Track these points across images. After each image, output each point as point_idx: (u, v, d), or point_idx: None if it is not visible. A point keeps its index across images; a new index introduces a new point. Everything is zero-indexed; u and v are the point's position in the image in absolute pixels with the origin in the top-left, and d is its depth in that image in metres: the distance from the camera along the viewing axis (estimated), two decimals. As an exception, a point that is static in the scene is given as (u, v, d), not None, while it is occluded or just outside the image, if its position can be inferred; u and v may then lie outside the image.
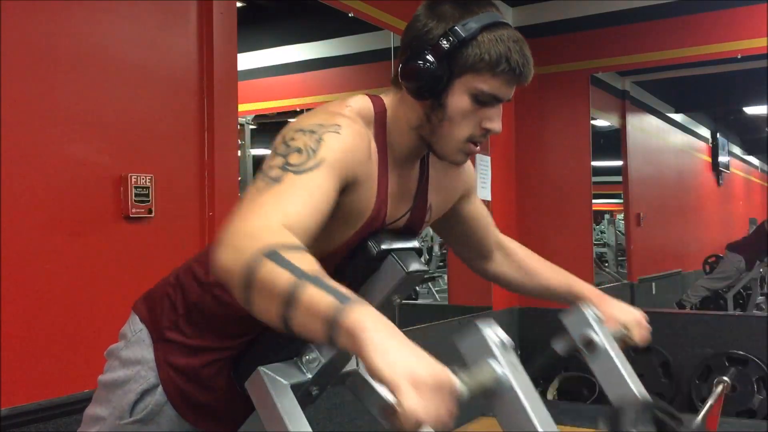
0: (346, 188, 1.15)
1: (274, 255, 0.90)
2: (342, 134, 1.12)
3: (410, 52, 1.21)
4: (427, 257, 5.86)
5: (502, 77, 1.19)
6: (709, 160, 7.94)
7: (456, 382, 0.82)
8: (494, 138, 4.54)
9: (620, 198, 5.39)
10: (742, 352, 4.12)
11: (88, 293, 2.11)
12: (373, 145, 1.23)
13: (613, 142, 5.28)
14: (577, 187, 4.72)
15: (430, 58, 1.18)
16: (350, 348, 0.83)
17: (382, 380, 0.79)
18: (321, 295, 0.86)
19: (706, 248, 6.71)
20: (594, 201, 4.78)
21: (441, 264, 5.75)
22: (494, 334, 0.93)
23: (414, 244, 1.31)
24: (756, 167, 11.09)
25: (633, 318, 1.43)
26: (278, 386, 1.16)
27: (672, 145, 6.85)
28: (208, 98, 2.49)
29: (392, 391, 0.78)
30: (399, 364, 0.79)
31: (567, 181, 4.75)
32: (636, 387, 1.23)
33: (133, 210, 2.19)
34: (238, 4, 2.68)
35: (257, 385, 1.17)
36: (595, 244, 5.04)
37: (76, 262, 2.08)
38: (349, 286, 1.16)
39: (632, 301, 5.16)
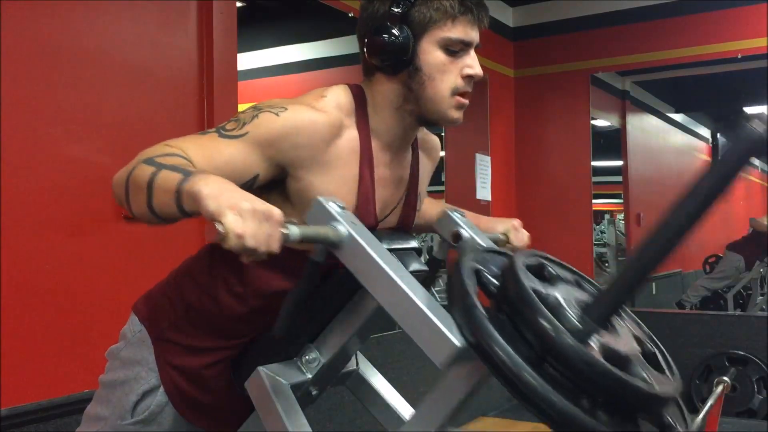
0: (289, 171, 1.17)
1: (148, 160, 1.05)
2: (280, 117, 1.15)
3: (368, 34, 1.22)
4: (427, 257, 5.86)
5: (462, 20, 1.21)
6: (709, 160, 7.93)
7: (279, 213, 0.94)
8: (494, 138, 4.55)
9: (620, 198, 5.39)
10: (742, 352, 4.12)
11: (88, 293, 2.11)
12: (352, 134, 1.23)
13: (613, 142, 5.27)
14: (577, 187, 4.72)
15: (388, 29, 1.20)
16: (193, 207, 0.96)
17: (210, 215, 0.91)
18: (172, 174, 1.00)
19: (706, 248, 6.70)
20: (594, 201, 4.78)
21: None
22: (334, 203, 1.06)
23: (413, 244, 1.31)
24: (756, 167, 11.07)
25: (509, 224, 1.50)
26: (278, 386, 1.16)
27: (672, 145, 6.85)
28: (208, 98, 2.49)
29: (218, 219, 0.90)
30: (224, 198, 0.92)
31: (567, 181, 4.75)
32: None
33: (133, 210, 2.19)
34: (238, 4, 2.68)
35: (257, 385, 1.17)
36: (595, 244, 5.03)
37: (75, 262, 2.08)
38: (348, 286, 1.16)
39: (632, 302, 5.17)
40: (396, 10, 1.19)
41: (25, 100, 1.97)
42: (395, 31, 1.19)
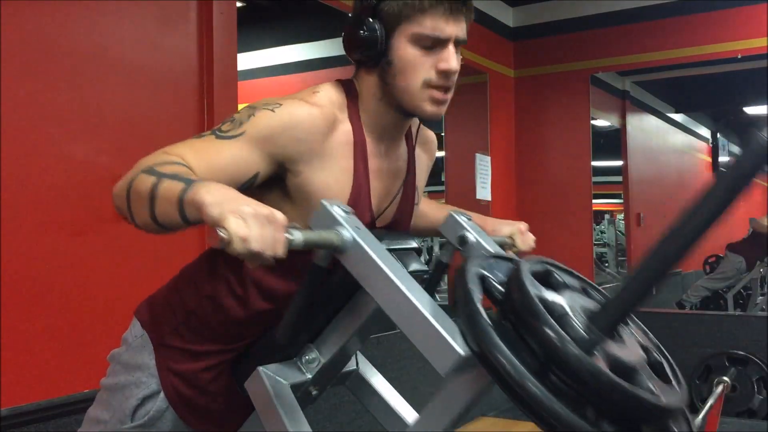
0: (288, 167, 1.17)
1: (148, 170, 1.04)
2: (276, 112, 1.15)
3: (345, 28, 1.24)
4: (427, 257, 5.86)
5: (434, 13, 1.19)
6: (709, 160, 7.93)
7: (282, 217, 0.93)
8: (494, 138, 4.54)
9: (620, 198, 5.39)
10: (742, 352, 4.12)
11: (88, 293, 2.11)
12: (345, 127, 1.24)
13: (613, 142, 5.27)
14: (577, 187, 4.72)
15: (360, 24, 1.21)
16: (196, 216, 0.96)
17: (213, 222, 0.91)
18: (173, 184, 1.00)
19: (706, 248, 6.70)
20: (594, 201, 4.78)
21: (441, 264, 5.72)
22: (339, 208, 1.04)
23: (413, 244, 1.31)
24: (756, 167, 11.06)
25: (515, 228, 1.50)
26: (278, 386, 1.16)
27: (672, 145, 6.84)
28: (208, 98, 2.49)
29: (221, 225, 0.89)
30: (226, 204, 0.91)
31: (567, 181, 4.75)
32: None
33: (133, 210, 2.19)
34: (238, 4, 2.68)
35: (257, 385, 1.17)
36: (595, 244, 5.03)
37: (76, 262, 2.08)
38: (347, 286, 1.16)
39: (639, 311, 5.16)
40: (367, 2, 1.21)
41: (25, 100, 1.97)
42: (366, 26, 1.20)
